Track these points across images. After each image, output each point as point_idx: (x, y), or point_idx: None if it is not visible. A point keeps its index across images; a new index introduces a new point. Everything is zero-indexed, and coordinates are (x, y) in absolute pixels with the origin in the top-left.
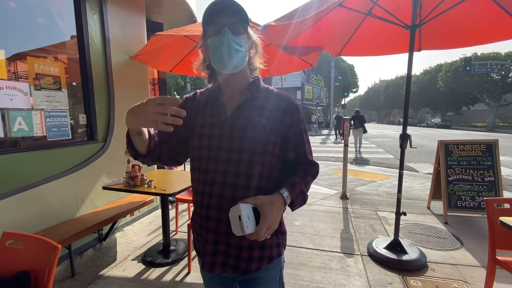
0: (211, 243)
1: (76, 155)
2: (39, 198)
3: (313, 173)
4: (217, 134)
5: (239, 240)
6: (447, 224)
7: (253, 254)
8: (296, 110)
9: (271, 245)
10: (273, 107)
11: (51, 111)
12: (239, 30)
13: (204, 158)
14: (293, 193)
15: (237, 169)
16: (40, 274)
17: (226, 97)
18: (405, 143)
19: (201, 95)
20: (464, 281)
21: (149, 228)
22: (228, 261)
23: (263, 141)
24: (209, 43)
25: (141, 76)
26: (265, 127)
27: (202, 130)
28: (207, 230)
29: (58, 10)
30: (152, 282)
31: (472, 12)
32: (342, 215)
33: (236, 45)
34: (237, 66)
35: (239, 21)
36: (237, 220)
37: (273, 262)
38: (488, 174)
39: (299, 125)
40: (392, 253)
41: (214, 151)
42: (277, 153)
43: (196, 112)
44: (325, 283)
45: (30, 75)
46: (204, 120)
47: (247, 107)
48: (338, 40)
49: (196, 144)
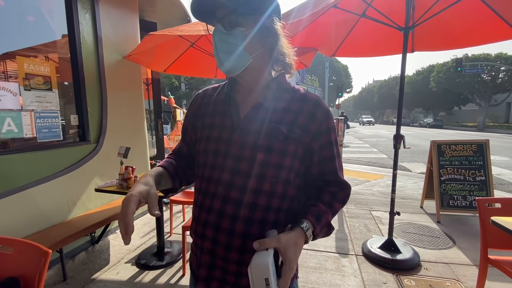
0: (205, 267)
1: (68, 156)
2: (29, 201)
3: (343, 198)
4: (226, 138)
5: (239, 267)
6: (439, 223)
7: None
8: (326, 116)
9: None
10: (296, 110)
11: (42, 111)
12: (235, 22)
13: (209, 165)
14: (317, 227)
15: (244, 183)
16: (30, 279)
17: (241, 95)
18: (399, 144)
19: (213, 90)
20: (457, 279)
21: (143, 230)
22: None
23: (279, 151)
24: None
25: (134, 76)
26: (284, 134)
27: (210, 132)
28: (202, 251)
29: (49, 8)
30: (146, 285)
31: (463, 14)
32: (337, 215)
33: (227, 45)
34: (233, 68)
35: (234, 11)
36: (262, 282)
37: None
38: (480, 173)
39: (328, 134)
40: (386, 253)
41: (220, 157)
42: (296, 167)
43: (206, 110)
44: (320, 284)
45: (19, 75)
46: (214, 120)
47: (264, 108)
48: (333, 41)
49: (202, 148)
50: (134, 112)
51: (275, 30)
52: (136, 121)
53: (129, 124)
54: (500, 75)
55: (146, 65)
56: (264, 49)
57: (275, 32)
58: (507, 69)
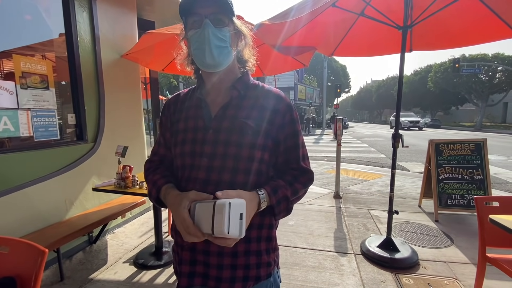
0: (187, 264)
1: (65, 155)
2: (25, 201)
3: (304, 181)
4: (200, 138)
5: (219, 259)
6: (437, 222)
7: (237, 273)
8: (288, 108)
9: (258, 264)
10: (262, 106)
11: (38, 110)
12: (223, 21)
13: (187, 166)
14: (272, 197)
15: (219, 178)
16: (27, 279)
17: (212, 97)
18: (397, 143)
19: (184, 95)
20: (455, 278)
21: (141, 230)
22: (208, 283)
23: (249, 145)
24: (189, 36)
25: (132, 75)
26: (252, 129)
27: (185, 135)
28: (182, 249)
29: (45, 6)
30: (144, 285)
31: (461, 13)
32: (335, 214)
33: (218, 40)
34: (221, 63)
35: (222, 10)
36: (237, 217)
37: (261, 283)
38: (477, 172)
39: (292, 125)
40: (385, 252)
41: (197, 157)
42: (267, 159)
43: (179, 116)
44: (319, 283)
45: (16, 74)
46: (187, 124)
47: (232, 107)
48: (331, 40)
49: (179, 152)
50: (132, 111)
51: (244, 32)
52: (134, 120)
53: (127, 123)
54: (497, 75)
55: (144, 64)
56: (235, 49)
57: (244, 34)
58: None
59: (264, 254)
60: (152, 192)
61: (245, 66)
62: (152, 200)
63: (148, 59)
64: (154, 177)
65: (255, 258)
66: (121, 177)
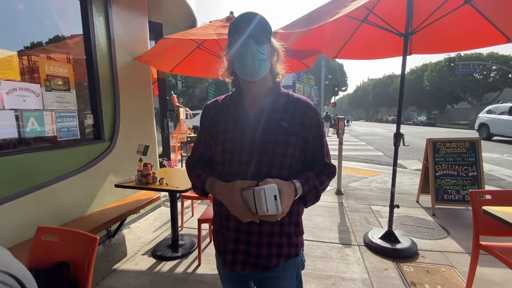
0: (231, 242)
1: (85, 154)
2: (52, 196)
3: (328, 173)
4: (239, 138)
5: (259, 238)
6: (435, 216)
7: (272, 251)
8: (315, 113)
9: (289, 243)
10: (293, 110)
11: (61, 111)
12: (262, 40)
13: (227, 161)
14: (305, 186)
15: (258, 171)
16: (79, 264)
17: (248, 102)
18: (399, 142)
19: (222, 101)
20: (451, 265)
21: (155, 225)
22: (248, 259)
23: (283, 143)
24: (234, 52)
25: (144, 77)
26: (286, 129)
27: (225, 135)
28: (228, 229)
29: (65, 12)
30: (165, 274)
31: (458, 20)
32: (338, 209)
33: (259, 54)
34: (259, 73)
35: (262, 32)
36: (272, 199)
37: (291, 260)
38: (472, 169)
39: (318, 127)
40: (387, 243)
41: (236, 154)
42: (297, 155)
43: (219, 118)
44: (327, 271)
45: (41, 77)
46: (227, 125)
47: (267, 111)
48: (335, 44)
49: (220, 149)
50: (144, 111)
51: (278, 50)
52: (146, 120)
53: (139, 123)
54: (492, 74)
55: (153, 65)
56: (270, 63)
57: (278, 52)
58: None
59: (293, 236)
60: (197, 184)
61: (276, 78)
62: (197, 191)
63: (158, 60)
64: (197, 171)
65: (286, 239)
66: (142, 174)
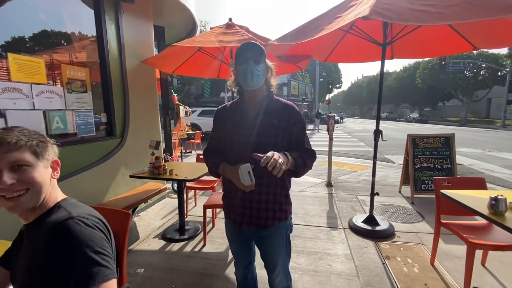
0: (239, 208)
1: (100, 149)
2: (75, 187)
3: (309, 155)
4: (244, 133)
5: (258, 205)
6: (413, 204)
7: (269, 214)
8: (298, 114)
9: (280, 209)
10: (281, 112)
11: (80, 111)
12: (259, 61)
13: (234, 150)
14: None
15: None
16: (116, 235)
17: (249, 106)
18: (378, 137)
19: (230, 106)
20: (421, 243)
21: (161, 213)
22: (252, 220)
23: (274, 136)
24: (239, 69)
25: (150, 78)
26: (276, 126)
27: (233, 130)
28: (236, 199)
29: (81, 21)
30: (175, 252)
31: (431, 31)
32: (328, 199)
33: (256, 71)
34: (257, 85)
35: (259, 55)
36: (247, 174)
37: (282, 223)
38: (446, 162)
39: (301, 124)
40: (368, 225)
41: (241, 144)
42: (284, 144)
43: (227, 119)
44: (315, 248)
45: (63, 80)
46: (234, 123)
47: (263, 112)
48: (325, 50)
49: (229, 142)
50: (150, 110)
51: (271, 68)
52: (152, 118)
53: (146, 120)
54: (482, 72)
55: (158, 67)
56: (265, 77)
57: (271, 69)
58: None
59: (284, 204)
60: (213, 168)
61: (270, 88)
62: (213, 173)
63: (162, 63)
64: (213, 159)
65: (278, 206)
66: (154, 166)
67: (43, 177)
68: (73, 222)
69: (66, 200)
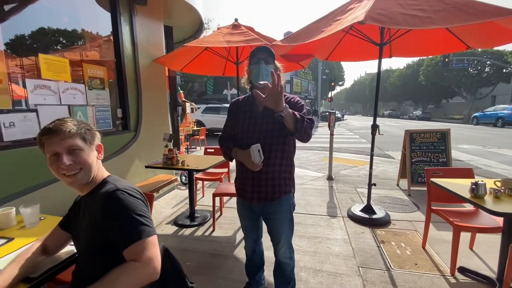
0: (249, 186)
1: (117, 142)
2: None
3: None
4: (253, 123)
5: (266, 182)
6: (410, 196)
7: (275, 189)
8: (298, 100)
9: (285, 184)
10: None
11: (99, 106)
12: (269, 62)
13: (245, 138)
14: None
15: (264, 142)
16: None
17: (259, 100)
18: (375, 131)
19: (243, 99)
20: (415, 230)
21: (172, 203)
22: (261, 195)
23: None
24: (251, 68)
25: (160, 76)
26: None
27: (244, 121)
28: (247, 178)
29: (99, 23)
30: (187, 236)
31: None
32: (328, 191)
33: (267, 70)
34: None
35: (269, 56)
36: (257, 152)
37: (286, 196)
38: (442, 156)
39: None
40: (365, 214)
41: (251, 133)
42: None
43: (240, 110)
44: (316, 233)
45: (85, 78)
46: (245, 115)
47: None
48: (326, 49)
49: (240, 130)
50: (160, 105)
51: (280, 68)
52: (162, 113)
53: (156, 115)
54: (486, 69)
55: (168, 65)
56: None
57: (280, 69)
58: (492, 63)
59: (287, 180)
60: (227, 152)
61: None
62: (226, 157)
63: (172, 61)
64: (226, 144)
65: (283, 181)
66: (168, 157)
67: (92, 158)
68: (119, 192)
69: (110, 177)
